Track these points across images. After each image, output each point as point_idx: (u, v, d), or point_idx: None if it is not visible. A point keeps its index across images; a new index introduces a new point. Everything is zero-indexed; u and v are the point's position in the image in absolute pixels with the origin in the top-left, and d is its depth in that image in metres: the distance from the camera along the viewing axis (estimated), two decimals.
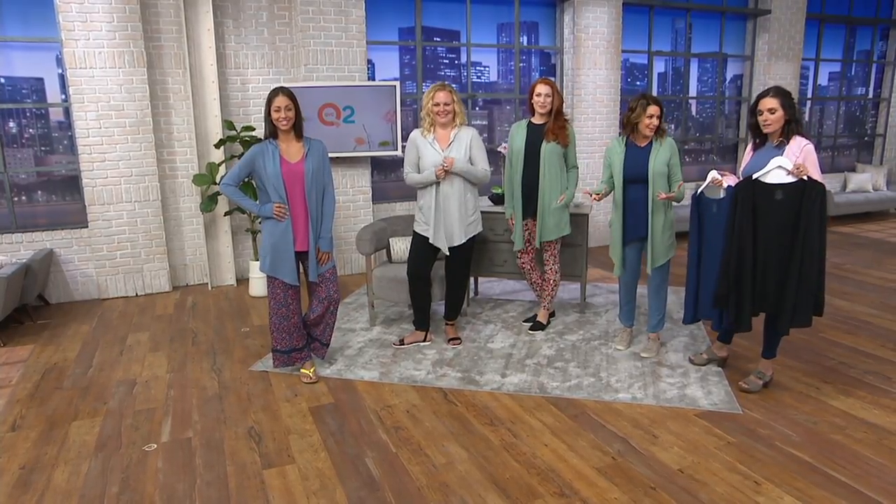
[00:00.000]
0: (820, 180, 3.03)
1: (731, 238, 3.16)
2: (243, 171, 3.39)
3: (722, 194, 3.32)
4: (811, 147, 3.09)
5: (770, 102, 3.09)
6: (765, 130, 3.15)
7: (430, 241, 3.85)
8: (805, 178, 2.99)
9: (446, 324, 4.23)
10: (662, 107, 3.60)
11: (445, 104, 3.70)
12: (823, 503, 2.42)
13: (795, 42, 8.12)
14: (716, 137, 8.36)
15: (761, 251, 3.12)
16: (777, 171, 3.04)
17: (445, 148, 3.75)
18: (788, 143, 3.11)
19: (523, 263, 4.38)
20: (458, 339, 4.17)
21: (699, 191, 3.43)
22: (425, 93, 3.81)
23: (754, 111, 3.17)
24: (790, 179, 3.02)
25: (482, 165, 3.83)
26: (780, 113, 3.07)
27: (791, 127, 3.11)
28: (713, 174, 3.30)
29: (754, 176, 3.08)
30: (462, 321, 4.57)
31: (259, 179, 3.40)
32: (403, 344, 4.10)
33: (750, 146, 3.36)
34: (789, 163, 3.01)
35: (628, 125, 3.63)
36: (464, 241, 3.85)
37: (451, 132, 3.76)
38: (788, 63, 8.14)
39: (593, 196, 3.76)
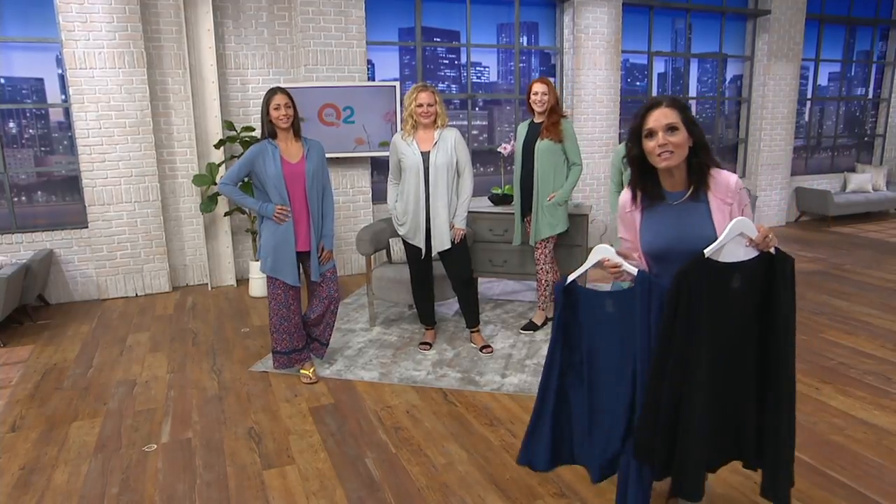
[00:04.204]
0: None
1: (665, 355, 1.83)
2: (242, 171, 3.38)
3: (624, 285, 2.00)
4: (742, 185, 1.94)
5: (667, 115, 1.87)
6: (662, 164, 1.87)
7: (411, 242, 3.84)
8: (772, 250, 1.82)
9: (471, 332, 4.14)
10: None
11: (429, 105, 3.65)
12: None
13: (795, 42, 8.12)
14: (715, 138, 8.36)
15: (717, 371, 1.84)
16: (734, 242, 1.80)
17: (430, 149, 3.70)
18: (709, 186, 1.90)
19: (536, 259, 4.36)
20: (489, 346, 4.05)
21: (571, 278, 2.02)
22: (406, 94, 3.78)
23: (639, 132, 1.91)
24: (750, 253, 1.82)
25: (467, 170, 3.80)
26: (683, 134, 1.87)
27: (703, 159, 1.91)
28: (604, 252, 1.94)
29: (707, 252, 1.78)
30: (461, 322, 4.53)
31: (259, 180, 3.38)
32: (431, 347, 4.10)
33: (628, 199, 2.01)
34: (753, 228, 1.79)
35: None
36: (454, 242, 3.82)
37: (435, 133, 3.73)
38: (788, 63, 8.15)
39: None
